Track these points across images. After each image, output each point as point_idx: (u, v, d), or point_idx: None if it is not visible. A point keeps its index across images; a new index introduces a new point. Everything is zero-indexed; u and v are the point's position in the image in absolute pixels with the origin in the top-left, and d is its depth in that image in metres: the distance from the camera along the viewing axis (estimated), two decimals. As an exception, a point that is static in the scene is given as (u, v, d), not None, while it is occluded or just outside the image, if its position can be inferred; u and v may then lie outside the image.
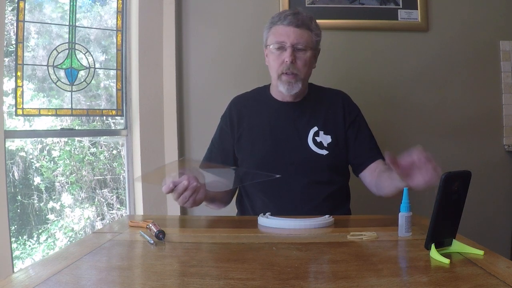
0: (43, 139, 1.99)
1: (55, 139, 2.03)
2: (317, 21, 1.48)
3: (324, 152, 1.44)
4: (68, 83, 1.93)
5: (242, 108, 1.54)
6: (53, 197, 2.01)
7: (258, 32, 2.08)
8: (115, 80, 2.06)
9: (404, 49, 2.14)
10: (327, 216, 1.19)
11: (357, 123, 1.49)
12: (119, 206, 2.16)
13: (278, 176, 1.23)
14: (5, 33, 1.76)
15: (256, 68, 2.05)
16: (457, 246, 0.88)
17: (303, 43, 1.40)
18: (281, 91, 1.45)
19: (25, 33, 1.82)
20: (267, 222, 1.17)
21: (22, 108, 1.80)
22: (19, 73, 1.80)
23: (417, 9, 2.11)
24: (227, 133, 1.53)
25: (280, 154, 1.45)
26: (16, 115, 1.81)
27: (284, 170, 1.44)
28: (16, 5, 1.79)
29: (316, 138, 1.45)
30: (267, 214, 1.21)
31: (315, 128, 1.46)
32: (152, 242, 0.98)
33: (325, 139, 1.45)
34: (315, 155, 1.44)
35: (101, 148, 2.16)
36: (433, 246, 0.84)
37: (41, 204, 1.98)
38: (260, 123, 1.50)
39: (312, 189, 1.39)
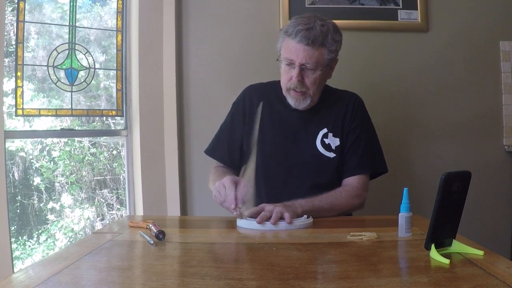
0: (43, 139, 1.99)
1: (55, 140, 2.03)
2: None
3: (332, 155, 1.42)
4: (68, 84, 1.93)
5: (255, 99, 1.52)
6: (53, 197, 2.01)
7: (258, 32, 2.09)
8: (115, 81, 2.06)
9: (404, 49, 2.14)
10: (305, 216, 1.20)
11: (357, 132, 1.45)
12: (119, 207, 2.16)
13: None
14: (5, 33, 1.76)
15: (256, 68, 2.05)
16: (457, 246, 0.88)
17: (312, 64, 1.34)
18: (289, 104, 1.44)
19: (25, 33, 1.82)
20: (244, 223, 1.17)
21: (22, 109, 1.80)
22: (19, 73, 1.80)
23: (417, 9, 2.11)
24: (238, 121, 1.50)
25: (288, 154, 1.44)
26: (16, 115, 1.81)
27: (291, 171, 1.43)
28: (16, 5, 1.79)
29: (325, 140, 1.43)
30: (244, 215, 1.21)
31: (325, 130, 1.44)
32: (152, 242, 0.98)
33: (334, 141, 1.43)
34: (322, 158, 1.42)
35: (101, 148, 2.16)
36: (433, 246, 0.84)
37: (41, 205, 1.98)
38: (270, 120, 1.48)
39: (315, 192, 1.34)
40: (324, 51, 1.35)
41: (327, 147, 1.43)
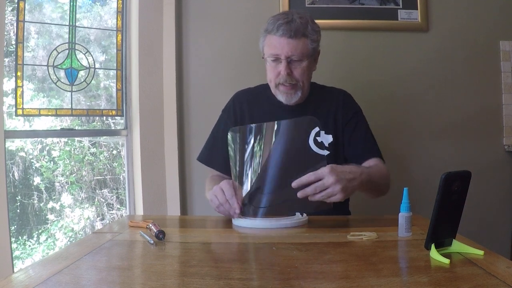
0: (43, 139, 1.99)
1: (55, 139, 2.03)
2: (317, 21, 1.46)
3: (325, 152, 1.43)
4: (68, 83, 1.93)
5: (244, 104, 1.54)
6: (53, 197, 2.01)
7: (258, 32, 2.08)
8: (115, 80, 2.06)
9: (404, 49, 2.14)
10: (298, 214, 1.21)
11: (354, 122, 1.48)
12: (119, 206, 2.16)
13: None
14: (5, 33, 1.76)
15: (256, 68, 2.04)
16: (457, 246, 0.88)
17: (298, 55, 1.37)
18: (280, 100, 1.45)
19: (25, 33, 1.82)
20: (241, 222, 1.18)
21: (22, 108, 1.80)
22: (19, 73, 1.80)
23: (417, 9, 2.11)
24: (230, 127, 1.52)
25: None
26: (16, 115, 1.81)
27: (285, 172, 1.43)
28: (16, 5, 1.79)
29: (317, 138, 1.44)
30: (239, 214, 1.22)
31: (317, 129, 1.45)
32: (152, 242, 0.98)
33: (326, 138, 1.44)
34: (316, 156, 1.43)
35: (101, 148, 2.16)
36: (433, 246, 0.84)
37: (41, 204, 1.98)
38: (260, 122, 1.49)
39: None
40: (307, 41, 1.38)
41: (320, 145, 1.43)
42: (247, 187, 1.25)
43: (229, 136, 1.29)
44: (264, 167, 1.47)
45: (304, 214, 1.22)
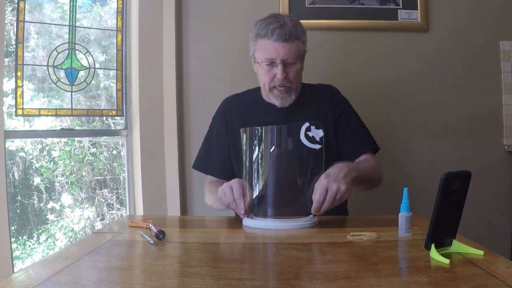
0: (43, 139, 1.99)
1: (55, 139, 2.03)
2: (317, 21, 1.47)
3: (317, 146, 1.45)
4: (68, 83, 1.93)
5: (234, 109, 1.56)
6: (53, 197, 2.01)
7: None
8: (115, 80, 2.06)
9: (404, 49, 2.14)
10: (311, 216, 1.21)
11: (345, 117, 1.50)
12: (119, 207, 2.16)
13: None
14: (5, 33, 1.76)
15: (256, 68, 2.05)
16: (457, 246, 0.88)
17: (293, 57, 1.39)
18: (274, 103, 1.46)
19: (25, 33, 1.82)
20: (252, 223, 1.18)
21: (22, 108, 1.80)
22: (19, 73, 1.80)
23: (417, 9, 2.11)
24: (223, 133, 1.53)
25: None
26: (16, 115, 1.81)
27: (280, 168, 1.44)
28: (16, 5, 1.79)
29: (308, 133, 1.46)
30: (251, 214, 1.22)
31: (306, 124, 1.47)
32: (152, 242, 0.98)
33: (317, 133, 1.46)
34: (308, 150, 1.45)
35: (101, 148, 2.16)
36: (433, 246, 0.84)
37: (41, 204, 1.98)
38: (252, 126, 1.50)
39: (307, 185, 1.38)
40: (299, 43, 1.41)
41: (312, 139, 1.45)
42: (255, 188, 1.26)
43: (241, 137, 1.30)
44: (266, 170, 1.47)
45: (316, 216, 1.22)
